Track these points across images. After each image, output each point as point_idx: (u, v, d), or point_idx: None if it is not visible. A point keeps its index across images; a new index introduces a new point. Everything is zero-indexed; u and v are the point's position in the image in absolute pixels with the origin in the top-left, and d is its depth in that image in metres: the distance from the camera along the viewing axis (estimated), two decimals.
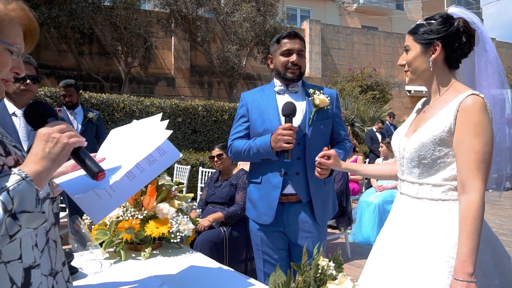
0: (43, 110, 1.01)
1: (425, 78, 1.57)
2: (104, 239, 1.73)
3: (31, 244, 0.91)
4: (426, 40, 1.49)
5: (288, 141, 1.89)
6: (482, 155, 1.33)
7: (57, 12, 8.66)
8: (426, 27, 1.51)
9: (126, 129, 1.38)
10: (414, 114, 1.70)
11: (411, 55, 1.55)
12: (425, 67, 1.52)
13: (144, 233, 1.74)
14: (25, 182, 0.82)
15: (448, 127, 1.40)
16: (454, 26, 1.47)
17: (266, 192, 2.09)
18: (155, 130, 1.23)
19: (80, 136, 0.97)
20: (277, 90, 2.18)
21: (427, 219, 1.47)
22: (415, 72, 1.56)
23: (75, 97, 4.39)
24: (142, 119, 1.37)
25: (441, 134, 1.41)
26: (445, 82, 1.52)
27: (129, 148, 1.21)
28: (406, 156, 1.54)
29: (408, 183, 1.57)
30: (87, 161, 0.98)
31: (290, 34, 2.12)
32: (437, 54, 1.48)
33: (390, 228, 1.66)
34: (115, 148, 1.27)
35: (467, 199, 1.33)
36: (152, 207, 1.80)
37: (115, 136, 1.35)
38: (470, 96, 1.38)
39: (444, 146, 1.42)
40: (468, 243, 1.29)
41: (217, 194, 3.46)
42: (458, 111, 1.38)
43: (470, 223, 1.30)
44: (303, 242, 2.09)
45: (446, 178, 1.44)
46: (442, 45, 1.47)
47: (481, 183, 1.33)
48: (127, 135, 1.31)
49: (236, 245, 3.20)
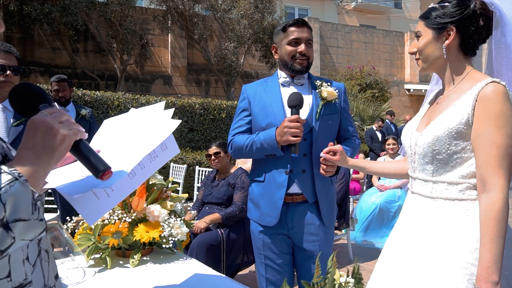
0: (34, 93, 0.82)
1: (438, 67, 1.41)
2: (88, 245, 1.56)
3: (22, 257, 0.73)
4: (439, 25, 1.34)
5: (295, 134, 1.74)
6: (505, 149, 1.19)
7: (49, 8, 8.45)
8: (439, 10, 1.36)
9: (123, 119, 1.21)
10: (426, 106, 1.54)
11: (422, 41, 1.40)
12: (437, 54, 1.37)
13: (133, 238, 1.57)
14: (18, 183, 0.65)
15: (466, 119, 1.25)
16: (470, 8, 1.31)
17: (270, 191, 1.93)
18: (160, 120, 1.06)
19: (79, 126, 0.80)
20: (281, 82, 2.02)
21: (442, 221, 1.32)
22: (427, 60, 1.41)
23: (68, 93, 4.22)
24: (142, 107, 1.20)
25: (458, 127, 1.26)
26: (461, 70, 1.37)
27: (131, 141, 1.05)
28: (419, 151, 1.38)
29: (420, 181, 1.42)
30: (90, 156, 0.81)
31: (298, 21, 1.96)
32: (451, 39, 1.33)
33: (401, 231, 1.51)
34: (112, 140, 1.10)
35: (488, 199, 1.19)
36: (141, 209, 1.63)
37: (111, 127, 1.18)
38: (490, 84, 1.23)
39: (461, 140, 1.27)
40: (491, 247, 1.14)
41: (214, 194, 3.30)
42: (476, 100, 1.24)
43: (493, 225, 1.16)
44: (309, 246, 1.94)
45: (464, 175, 1.29)
46: (457, 30, 1.32)
47: (504, 180, 1.18)
48: (125, 126, 1.14)
49: (233, 248, 3.04)
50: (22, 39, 10.36)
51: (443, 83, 1.44)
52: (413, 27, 23.05)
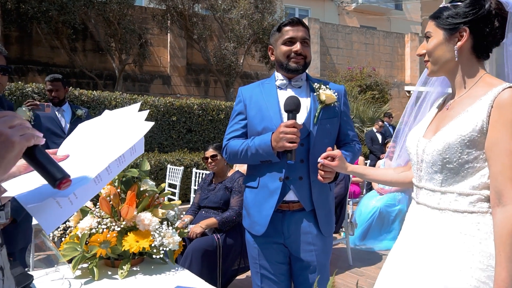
0: None
1: (449, 70, 1.33)
2: (74, 255, 1.48)
3: None
4: (451, 25, 1.26)
5: (292, 140, 1.66)
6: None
7: (47, 6, 8.34)
8: (451, 10, 1.28)
9: (96, 121, 1.13)
10: (434, 111, 1.46)
11: (432, 42, 1.32)
12: (449, 56, 1.29)
13: (122, 248, 1.49)
14: None
15: (480, 126, 1.17)
16: (484, 8, 1.23)
17: (262, 199, 1.85)
18: (132, 123, 0.99)
19: (35, 131, 0.72)
20: (278, 84, 1.94)
21: (451, 235, 1.23)
22: (437, 62, 1.33)
23: (62, 93, 4.14)
24: (116, 109, 1.12)
25: (471, 134, 1.18)
26: (473, 74, 1.29)
27: (101, 145, 0.97)
28: (427, 159, 1.30)
29: (427, 191, 1.33)
30: (46, 164, 0.73)
31: (293, 21, 1.88)
32: (464, 41, 1.25)
33: (405, 244, 1.42)
34: (82, 144, 1.03)
35: (504, 213, 1.10)
36: (131, 217, 1.55)
37: (83, 130, 1.11)
38: (507, 90, 1.15)
39: (474, 148, 1.19)
40: (508, 266, 1.06)
41: (210, 198, 3.22)
42: (492, 107, 1.15)
43: (510, 241, 1.07)
44: (306, 256, 1.86)
45: (475, 186, 1.21)
46: (470, 31, 1.24)
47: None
48: (98, 129, 1.06)
49: (230, 254, 2.96)
50: (20, 38, 10.27)
51: (453, 87, 1.36)
52: (413, 28, 23.00)
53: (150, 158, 6.33)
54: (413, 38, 17.05)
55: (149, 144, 7.07)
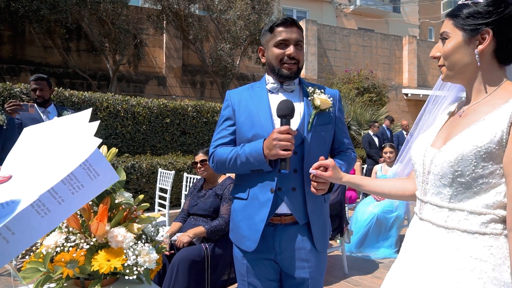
0: None
1: (467, 75, 1.18)
2: (37, 276, 1.32)
3: None
4: (472, 26, 1.12)
5: (286, 148, 1.53)
6: None
7: (38, 5, 8.16)
8: (471, 7, 1.13)
9: (43, 129, 0.97)
10: (444, 117, 1.32)
11: (450, 44, 1.17)
12: (468, 60, 1.15)
13: (91, 268, 1.34)
14: None
15: (499, 138, 1.03)
16: (510, 7, 1.09)
17: (252, 211, 1.71)
18: (78, 138, 0.82)
19: None
20: (269, 88, 1.80)
21: (459, 258, 1.09)
22: (454, 67, 1.18)
23: (47, 93, 3.99)
24: (66, 115, 0.96)
25: (488, 146, 1.03)
26: (494, 80, 1.15)
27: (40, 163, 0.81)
28: (435, 171, 1.16)
29: (433, 206, 1.19)
30: None
31: (286, 21, 1.73)
32: (486, 44, 1.11)
33: (405, 266, 1.28)
34: (24, 160, 0.87)
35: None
36: (103, 233, 1.40)
37: (28, 141, 0.94)
38: None
39: (490, 162, 1.04)
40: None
41: (200, 205, 3.07)
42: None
43: None
44: (299, 274, 1.72)
45: (489, 204, 1.06)
46: (494, 33, 1.10)
47: None
48: (42, 141, 0.90)
49: (219, 264, 2.80)
50: (13, 37, 10.09)
51: (468, 94, 1.22)
52: (411, 31, 22.94)
53: (142, 161, 6.16)
54: (410, 41, 16.98)
55: (142, 146, 6.90)
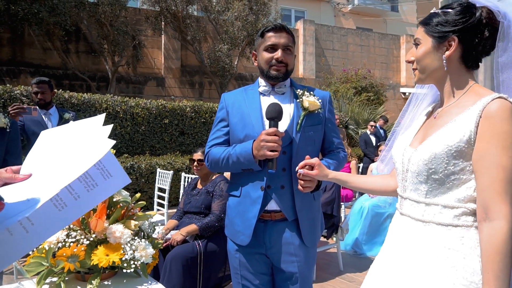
0: None
1: (437, 78, 1.28)
2: (40, 270, 1.41)
3: None
4: (440, 33, 1.21)
5: (273, 149, 1.61)
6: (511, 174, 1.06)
7: (37, 8, 8.24)
8: (441, 17, 1.23)
9: (59, 132, 1.05)
10: (422, 119, 1.41)
11: (421, 50, 1.27)
12: (436, 65, 1.24)
13: (90, 262, 1.43)
14: None
15: (468, 137, 1.11)
16: (475, 17, 1.18)
17: (245, 208, 1.80)
18: (93, 139, 0.91)
19: None
20: (261, 90, 1.89)
21: (434, 249, 1.18)
22: (425, 70, 1.28)
23: (48, 95, 4.09)
24: (81, 120, 1.04)
25: (459, 145, 1.12)
26: (462, 84, 1.24)
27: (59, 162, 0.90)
28: (412, 169, 1.25)
29: (411, 202, 1.28)
30: None
31: (276, 26, 1.82)
32: (452, 50, 1.20)
33: (387, 257, 1.37)
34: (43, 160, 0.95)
35: (491, 229, 1.06)
36: (101, 229, 1.48)
37: (45, 143, 1.03)
38: (496, 100, 1.10)
39: (460, 160, 1.13)
40: (496, 285, 1.02)
41: (192, 203, 3.15)
42: (480, 117, 1.10)
43: (497, 260, 1.03)
44: (288, 267, 1.80)
45: (460, 198, 1.15)
46: (459, 40, 1.19)
47: (510, 207, 1.05)
48: (59, 142, 0.99)
49: (212, 261, 2.88)
50: (12, 39, 10.17)
51: (441, 96, 1.31)
52: (409, 30, 23.04)
53: (141, 162, 6.25)
54: (408, 40, 17.06)
55: (141, 147, 6.99)
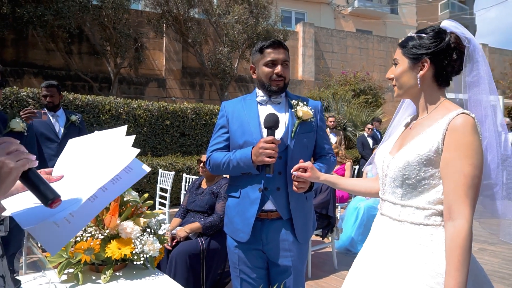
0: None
1: (413, 94, 1.46)
2: (60, 262, 1.58)
3: None
4: (415, 55, 1.39)
5: (270, 155, 1.79)
6: (472, 179, 1.23)
7: (42, 11, 8.42)
8: (415, 40, 1.41)
9: (86, 141, 1.23)
10: (401, 129, 1.59)
11: (399, 69, 1.45)
12: (412, 83, 1.42)
13: (104, 255, 1.60)
14: None
15: (436, 147, 1.29)
16: (444, 41, 1.36)
17: (244, 208, 1.98)
18: (120, 147, 1.08)
19: (29, 155, 0.81)
20: (259, 100, 2.07)
21: (408, 245, 1.36)
22: (402, 87, 1.46)
23: (56, 99, 4.28)
24: (105, 130, 1.22)
25: (428, 154, 1.30)
26: (434, 99, 1.42)
27: (91, 166, 1.07)
28: (390, 174, 1.43)
29: (389, 203, 1.46)
30: (39, 185, 0.82)
31: (274, 43, 2.00)
32: (425, 70, 1.38)
33: (368, 252, 1.55)
34: (74, 164, 1.12)
35: (454, 227, 1.22)
36: (114, 225, 1.66)
37: (74, 149, 1.20)
38: (460, 115, 1.27)
39: (430, 167, 1.31)
40: (456, 276, 1.18)
41: (197, 202, 3.33)
42: (447, 130, 1.28)
43: (458, 253, 1.20)
44: (283, 262, 1.98)
45: (430, 201, 1.33)
46: (431, 61, 1.37)
47: (469, 209, 1.22)
48: (88, 149, 1.16)
49: (214, 257, 3.06)
50: (16, 41, 10.33)
51: (417, 109, 1.49)
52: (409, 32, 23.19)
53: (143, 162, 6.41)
54: None
55: (143, 148, 7.16)
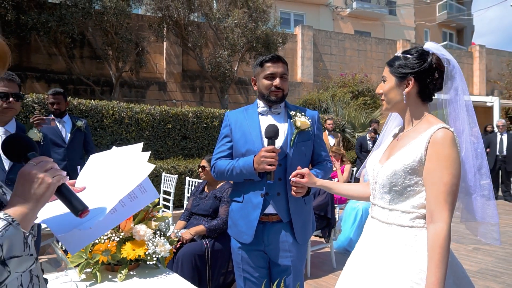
0: (22, 144, 0.97)
1: (399, 109, 1.62)
2: (80, 262, 1.74)
3: (17, 284, 0.88)
4: (401, 74, 1.55)
5: (271, 163, 1.93)
6: (450, 187, 1.38)
7: (46, 17, 8.58)
8: (401, 60, 1.56)
9: (106, 156, 1.37)
10: (390, 139, 1.74)
11: (386, 86, 1.60)
12: (399, 99, 1.57)
13: (120, 255, 1.76)
14: (12, 227, 0.80)
15: (419, 158, 1.44)
16: (427, 62, 1.51)
17: (247, 212, 2.12)
18: (137, 163, 1.23)
19: (62, 171, 0.95)
20: (260, 111, 2.22)
21: (395, 245, 1.51)
22: (390, 102, 1.62)
23: (63, 105, 4.43)
24: (123, 147, 1.36)
25: (412, 164, 1.45)
26: (418, 114, 1.57)
27: (111, 180, 1.22)
28: (379, 181, 1.58)
29: (379, 207, 1.61)
30: (70, 198, 0.97)
31: (273, 58, 2.15)
32: (410, 88, 1.53)
33: (360, 251, 1.71)
34: (95, 177, 1.27)
35: (435, 229, 1.37)
36: (129, 228, 1.81)
37: (94, 164, 1.35)
38: (440, 130, 1.42)
39: (414, 175, 1.46)
40: (436, 271, 1.33)
41: (201, 206, 3.48)
42: (429, 142, 1.43)
43: (438, 252, 1.35)
44: (283, 261, 2.13)
45: (415, 205, 1.48)
46: (415, 80, 1.52)
47: (448, 213, 1.37)
48: (107, 164, 1.31)
49: (218, 258, 3.22)
50: (18, 45, 10.48)
51: (403, 122, 1.65)
52: (407, 34, 23.36)
53: None
54: (405, 45, 17.39)
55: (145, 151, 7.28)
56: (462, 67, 19.58)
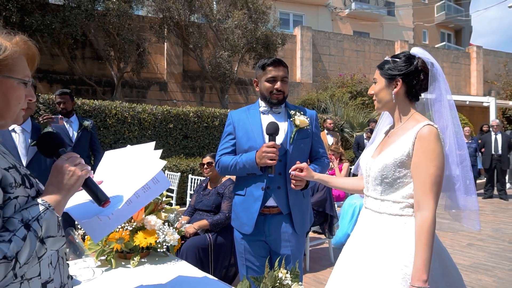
0: (55, 141, 1.13)
1: (389, 108, 1.78)
2: (96, 249, 1.89)
3: (48, 262, 1.03)
4: (390, 76, 1.71)
5: (272, 158, 2.08)
6: (435, 178, 1.53)
7: (50, 19, 8.72)
8: (390, 64, 1.72)
9: (120, 153, 1.52)
10: (382, 136, 1.89)
11: (377, 87, 1.76)
12: (388, 98, 1.73)
13: (133, 243, 1.90)
14: (49, 211, 0.95)
15: (407, 152, 1.60)
16: (413, 65, 1.67)
17: (249, 204, 2.27)
18: (150, 159, 1.38)
19: (87, 166, 1.10)
20: (261, 110, 2.36)
21: (386, 232, 1.66)
22: (380, 102, 1.77)
23: (69, 105, 4.56)
24: (136, 145, 1.51)
25: (401, 158, 1.60)
26: (406, 112, 1.72)
27: (126, 175, 1.36)
28: (371, 174, 1.73)
29: (372, 198, 1.77)
30: (96, 190, 1.12)
31: (275, 62, 2.29)
32: (398, 88, 1.69)
33: (354, 239, 1.86)
34: (111, 172, 1.42)
35: (421, 216, 1.52)
36: (141, 219, 1.96)
37: (110, 160, 1.49)
38: (426, 126, 1.58)
39: (403, 168, 1.61)
40: (422, 254, 1.48)
41: (204, 202, 3.63)
42: (416, 138, 1.58)
43: (424, 237, 1.50)
44: (283, 251, 2.27)
45: (404, 196, 1.63)
46: (403, 81, 1.68)
47: (433, 202, 1.53)
48: (122, 160, 1.45)
49: (221, 251, 3.37)
50: None
51: (393, 120, 1.80)
52: (405, 34, 23.54)
53: None
54: (403, 46, 17.55)
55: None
56: (460, 68, 19.75)
